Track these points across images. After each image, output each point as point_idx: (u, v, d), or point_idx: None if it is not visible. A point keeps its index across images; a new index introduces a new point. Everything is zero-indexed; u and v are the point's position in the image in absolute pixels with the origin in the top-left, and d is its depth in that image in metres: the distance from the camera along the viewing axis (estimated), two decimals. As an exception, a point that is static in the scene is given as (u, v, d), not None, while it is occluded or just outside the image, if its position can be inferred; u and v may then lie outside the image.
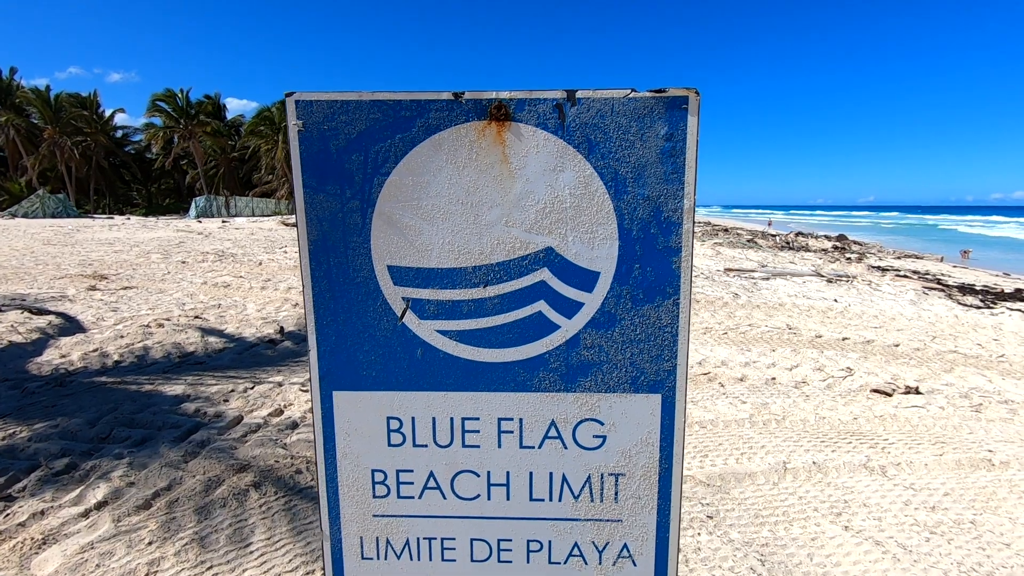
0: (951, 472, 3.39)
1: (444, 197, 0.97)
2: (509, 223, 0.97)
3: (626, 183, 0.95)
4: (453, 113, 0.93)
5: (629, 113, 0.92)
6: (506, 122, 0.94)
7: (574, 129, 0.93)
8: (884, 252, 21.71)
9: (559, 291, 1.01)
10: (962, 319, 7.85)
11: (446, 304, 1.01)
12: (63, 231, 20.56)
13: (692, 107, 0.91)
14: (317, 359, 1.04)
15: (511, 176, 0.95)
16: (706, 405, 4.32)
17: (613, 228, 0.97)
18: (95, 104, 47.65)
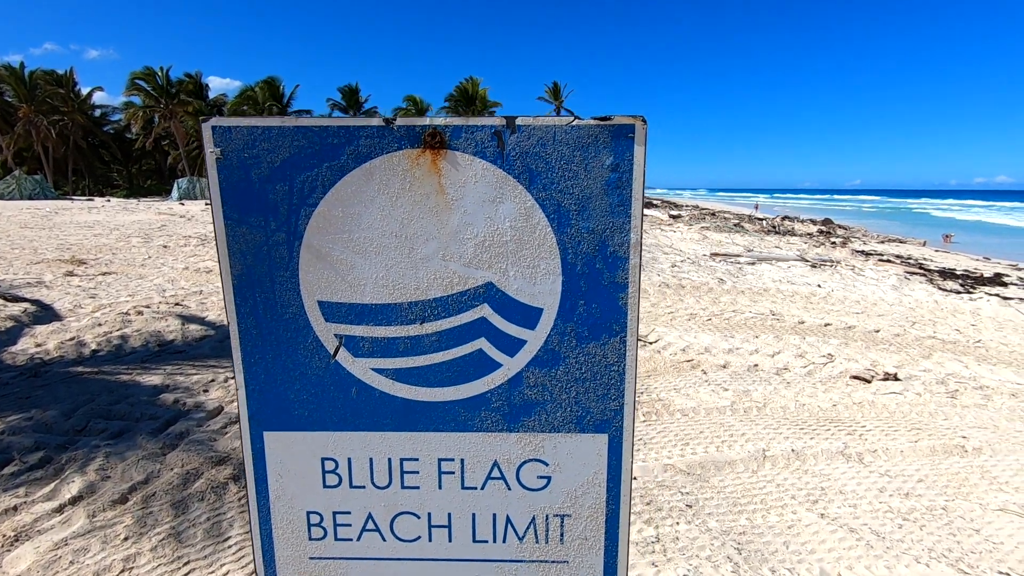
0: (925, 459, 3.45)
1: (377, 229, 0.92)
2: (446, 257, 0.93)
3: (570, 215, 0.91)
4: (384, 141, 0.89)
5: (572, 142, 0.88)
6: (441, 150, 0.89)
7: (514, 158, 0.89)
8: (868, 236, 21.93)
9: (500, 328, 0.97)
10: (942, 304, 7.97)
11: (381, 341, 0.97)
12: (40, 214, 20.08)
13: (639, 136, 0.87)
14: (246, 398, 1.00)
15: (448, 207, 0.91)
16: (689, 393, 4.36)
17: (556, 263, 0.94)
18: (71, 82, 46.25)
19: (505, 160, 0.89)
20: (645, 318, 6.56)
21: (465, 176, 0.90)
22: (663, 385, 4.50)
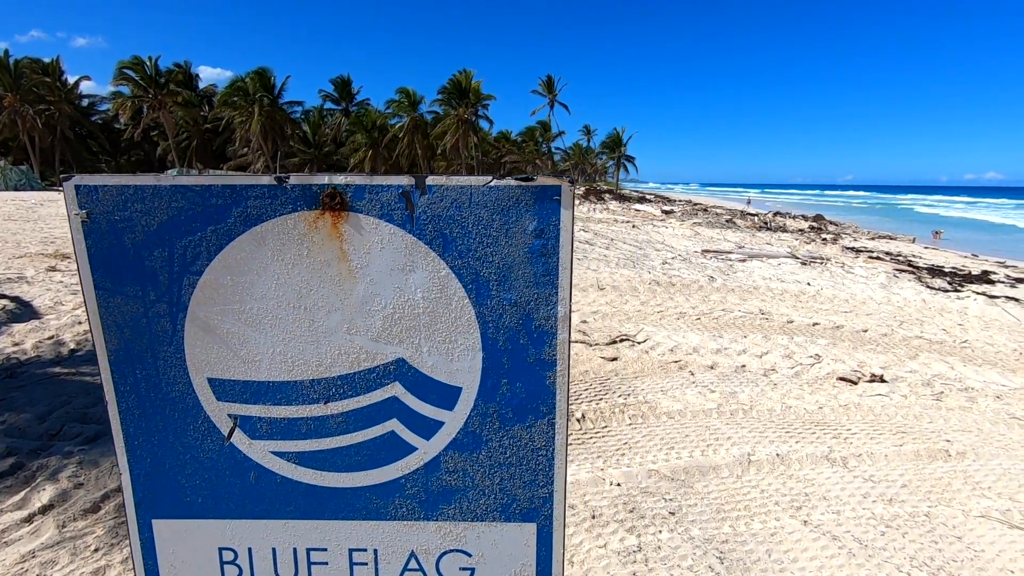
0: (910, 463, 3.45)
1: (272, 300, 0.83)
2: (352, 330, 0.85)
3: (489, 286, 0.84)
4: (277, 201, 0.80)
5: (491, 205, 0.80)
6: (342, 212, 0.80)
7: (425, 222, 0.81)
8: (859, 233, 22.05)
9: (414, 408, 0.89)
10: (929, 303, 8.01)
11: (281, 422, 0.89)
12: (25, 205, 19.77)
13: (565, 199, 0.80)
14: (131, 484, 0.91)
15: (352, 276, 0.83)
16: (675, 395, 4.34)
17: (475, 337, 0.86)
18: (58, 71, 45.46)
19: (415, 224, 0.81)
20: (634, 317, 6.54)
21: (370, 241, 0.82)
22: (650, 387, 4.48)
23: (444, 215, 0.81)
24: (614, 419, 3.89)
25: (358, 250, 0.82)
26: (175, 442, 0.90)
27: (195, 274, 0.83)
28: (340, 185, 0.80)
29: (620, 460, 3.35)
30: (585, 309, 6.78)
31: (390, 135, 50.63)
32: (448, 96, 49.70)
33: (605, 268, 9.53)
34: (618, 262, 10.30)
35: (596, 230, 16.48)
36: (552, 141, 64.41)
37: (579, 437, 3.62)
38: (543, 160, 63.75)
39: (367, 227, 0.82)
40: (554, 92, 59.05)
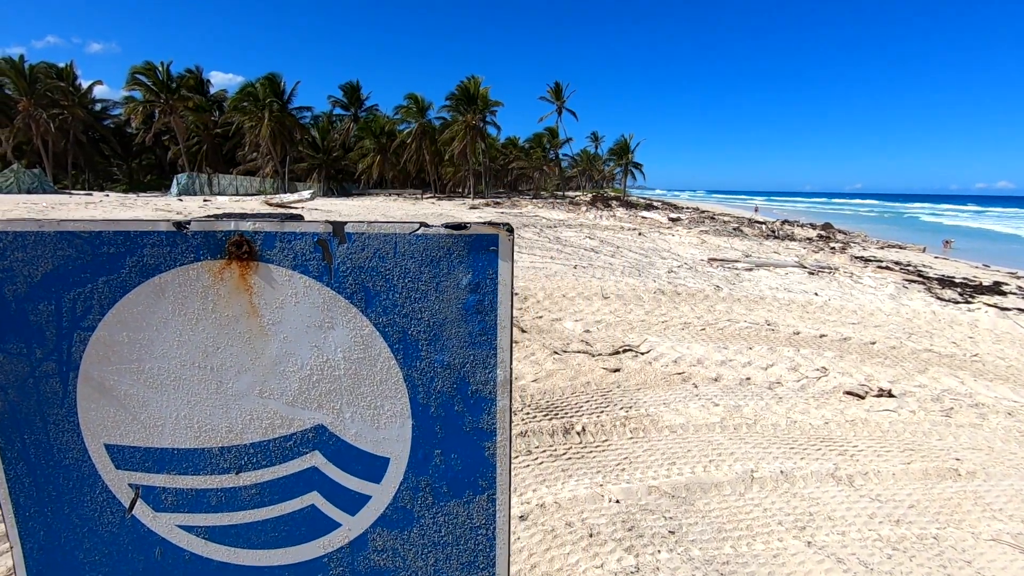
0: (918, 482, 3.36)
1: (174, 358, 0.75)
2: (264, 394, 0.76)
3: (419, 346, 0.75)
4: (177, 249, 0.72)
5: (419, 255, 0.71)
6: (251, 262, 0.72)
7: (345, 274, 0.72)
8: (868, 242, 21.85)
9: (337, 480, 0.80)
10: (939, 315, 7.88)
11: (188, 494, 0.80)
12: (36, 209, 19.99)
13: (503, 249, 0.72)
14: (23, 557, 0.82)
15: (263, 333, 0.74)
16: (678, 408, 4.27)
17: (404, 403, 0.76)
18: (72, 75, 46.09)
19: (333, 276, 0.72)
20: (638, 326, 6.47)
21: (283, 295, 0.73)
22: (652, 399, 4.41)
23: (366, 266, 0.73)
24: (615, 432, 3.83)
25: (270, 305, 0.74)
26: (71, 514, 0.81)
27: (87, 330, 0.75)
28: (247, 232, 0.72)
29: (620, 475, 3.29)
30: (589, 318, 6.72)
31: (398, 141, 50.85)
32: (456, 102, 49.89)
33: (610, 276, 9.47)
34: (623, 270, 10.23)
35: (602, 237, 16.42)
36: (560, 148, 64.44)
37: (579, 451, 3.56)
38: (550, 167, 63.77)
39: (279, 279, 0.73)
40: (562, 99, 59.15)
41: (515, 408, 4.08)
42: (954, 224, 40.66)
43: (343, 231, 0.72)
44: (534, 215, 27.11)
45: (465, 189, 53.77)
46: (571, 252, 12.68)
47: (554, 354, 5.32)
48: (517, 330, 6.04)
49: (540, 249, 12.96)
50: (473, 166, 51.63)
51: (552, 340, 5.79)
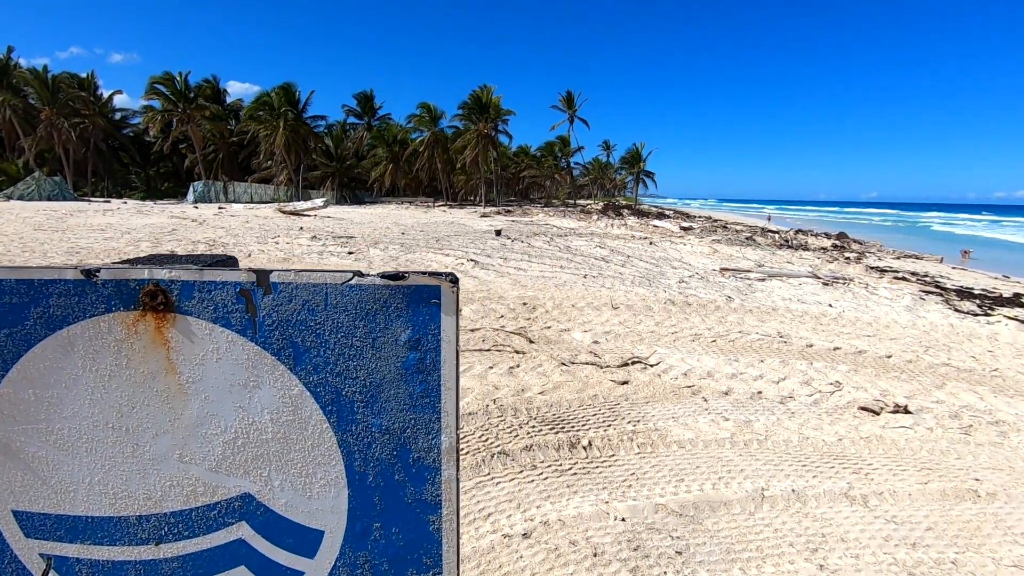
0: (935, 503, 3.26)
1: (86, 419, 0.69)
2: (185, 458, 0.71)
3: (354, 408, 0.68)
4: (87, 300, 0.67)
5: (353, 308, 0.66)
6: (167, 314, 0.66)
7: (271, 328, 0.66)
8: (884, 252, 21.52)
9: (266, 554, 0.74)
10: (957, 328, 7.71)
11: (104, 565, 0.74)
12: (56, 215, 20.36)
13: (446, 302, 0.66)
14: None
15: (182, 392, 0.69)
16: (687, 422, 4.19)
17: (339, 471, 0.70)
18: (93, 85, 47.13)
19: (258, 330, 0.66)
20: (648, 338, 6.40)
21: (203, 351, 0.68)
22: (661, 413, 4.34)
23: (294, 319, 0.67)
24: (622, 447, 3.77)
25: (189, 361, 0.68)
26: None
27: None
28: (163, 281, 0.66)
29: (626, 492, 3.22)
30: (598, 329, 6.66)
31: (410, 149, 51.24)
32: (468, 111, 50.20)
33: (620, 286, 9.41)
34: (633, 280, 10.16)
35: (613, 246, 16.35)
36: (571, 156, 64.50)
37: (585, 466, 3.50)
38: (562, 175, 63.83)
39: (199, 333, 0.67)
40: (574, 108, 59.28)
41: (522, 421, 4.04)
42: (967, 234, 40.04)
43: (268, 280, 0.66)
44: (545, 223, 27.09)
45: (477, 197, 53.97)
46: (581, 261, 12.63)
47: (562, 365, 5.27)
48: (524, 340, 6.00)
49: (550, 258, 12.92)
50: (485, 174, 51.83)
51: (560, 351, 5.74)
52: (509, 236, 18.45)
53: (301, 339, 0.67)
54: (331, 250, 12.69)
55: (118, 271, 0.67)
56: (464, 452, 3.56)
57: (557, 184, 65.01)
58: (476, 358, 5.39)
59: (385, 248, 13.40)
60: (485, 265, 11.20)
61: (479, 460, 3.47)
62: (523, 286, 9.07)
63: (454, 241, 16.01)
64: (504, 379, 4.85)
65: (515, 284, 9.22)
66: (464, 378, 4.82)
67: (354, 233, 17.65)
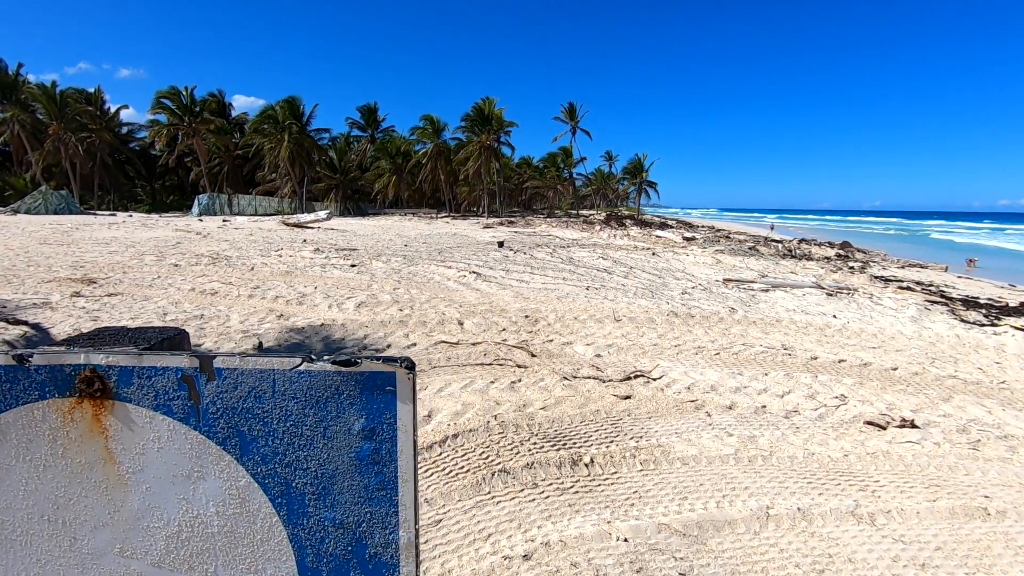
0: (944, 522, 3.20)
1: (20, 510, 0.66)
2: (126, 552, 0.67)
3: (305, 500, 0.65)
4: (19, 386, 0.64)
5: (302, 395, 0.62)
6: (105, 401, 0.64)
7: (216, 416, 0.63)
8: (888, 261, 21.44)
9: None
10: (964, 339, 7.64)
11: None
12: (61, 229, 20.51)
13: (401, 390, 0.62)
14: None
15: (122, 484, 0.65)
16: (690, 438, 4.14)
17: (291, 567, 0.66)
18: (100, 100, 47.68)
19: (202, 419, 0.63)
20: (650, 351, 6.35)
21: (144, 440, 0.64)
22: (664, 428, 4.29)
23: (240, 407, 0.63)
24: (624, 464, 3.72)
25: (128, 451, 0.64)
26: None
27: None
28: (100, 366, 0.63)
29: (629, 511, 3.18)
30: (600, 342, 6.63)
31: (414, 161, 51.52)
32: (471, 123, 50.51)
33: (623, 298, 9.37)
34: (636, 292, 10.13)
35: (615, 257, 16.34)
36: (573, 167, 64.74)
37: (587, 484, 3.45)
38: (564, 186, 64.01)
39: (139, 421, 0.64)
40: (576, 119, 59.60)
41: (523, 437, 4.00)
42: (965, 242, 39.98)
43: (211, 366, 0.63)
44: (547, 234, 27.12)
45: (480, 208, 54.12)
46: (584, 273, 12.61)
47: (564, 380, 5.23)
48: (526, 355, 5.97)
49: (552, 270, 12.91)
50: (488, 185, 52.02)
51: (562, 365, 5.71)
52: (512, 247, 18.47)
53: (248, 428, 0.64)
54: (334, 263, 12.72)
55: (52, 356, 0.64)
56: (465, 470, 3.52)
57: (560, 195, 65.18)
58: (478, 372, 5.36)
59: (388, 261, 13.42)
60: (487, 277, 11.19)
61: (480, 478, 3.43)
62: (525, 298, 9.05)
63: (457, 253, 16.03)
64: (506, 394, 4.82)
65: (517, 296, 9.20)
66: (466, 393, 4.79)
67: (357, 245, 17.70)
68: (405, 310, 7.79)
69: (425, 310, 7.83)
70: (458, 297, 8.99)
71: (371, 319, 7.23)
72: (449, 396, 4.71)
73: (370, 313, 7.58)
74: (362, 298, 8.47)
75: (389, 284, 9.96)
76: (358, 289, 9.34)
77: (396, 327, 6.89)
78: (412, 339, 6.40)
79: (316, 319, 7.13)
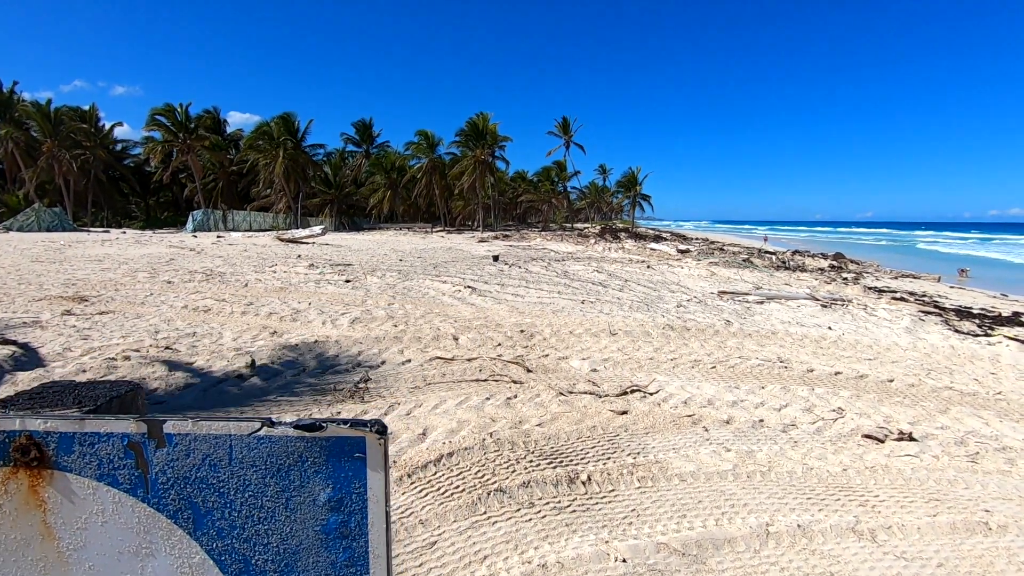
0: (945, 537, 3.16)
1: None
2: None
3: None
4: None
5: (262, 463, 0.57)
6: (43, 471, 0.58)
7: (166, 487, 0.57)
8: (881, 271, 21.56)
9: None
10: (958, 349, 7.65)
11: None
12: (54, 247, 20.39)
13: (372, 457, 0.57)
14: None
15: (62, 562, 0.59)
16: (688, 454, 4.10)
17: None
18: (95, 117, 47.76)
19: (151, 489, 0.58)
20: (646, 365, 6.32)
21: (86, 513, 0.58)
22: (661, 444, 4.25)
23: (193, 477, 0.57)
24: (622, 482, 3.67)
25: (69, 525, 0.58)
26: None
27: None
28: (37, 432, 0.57)
29: (627, 531, 3.12)
30: (596, 356, 6.59)
31: (408, 176, 51.72)
32: (466, 138, 50.82)
33: (618, 311, 9.36)
34: (631, 305, 10.12)
35: (610, 271, 16.36)
36: (568, 180, 65.11)
37: (584, 503, 3.40)
38: (559, 199, 64.30)
39: (81, 493, 0.58)
40: (569, 133, 60.08)
41: (519, 455, 3.95)
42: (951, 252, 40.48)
43: (161, 432, 0.58)
44: (542, 248, 27.18)
45: (475, 222, 54.26)
46: (579, 286, 12.60)
47: (560, 395, 5.19)
48: (522, 370, 5.93)
49: (547, 284, 12.90)
50: (483, 200, 52.21)
51: (558, 380, 5.67)
52: (507, 261, 18.47)
53: (202, 499, 0.58)
54: (328, 278, 12.67)
55: None
56: (460, 490, 3.47)
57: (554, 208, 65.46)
58: (473, 389, 5.31)
59: (383, 276, 13.38)
60: (483, 292, 11.17)
61: (475, 498, 3.38)
62: (521, 313, 9.02)
63: (452, 268, 16.02)
64: (501, 410, 4.77)
65: (512, 311, 9.17)
66: (461, 410, 4.74)
67: (352, 260, 17.66)
68: (400, 326, 7.74)
69: (420, 325, 7.79)
70: (453, 312, 8.95)
71: (366, 335, 7.17)
72: (444, 413, 4.66)
73: (365, 329, 7.53)
74: (357, 314, 8.42)
75: (384, 299, 9.92)
76: (352, 305, 9.30)
77: (391, 343, 6.84)
78: (407, 355, 6.35)
79: (310, 336, 7.07)
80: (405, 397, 5.03)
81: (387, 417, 4.56)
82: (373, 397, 5.00)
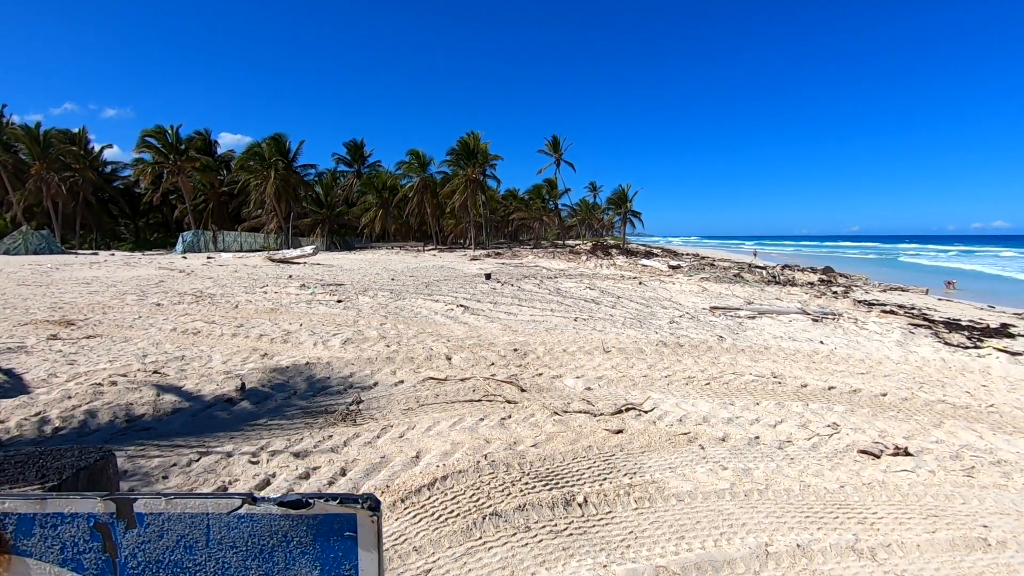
0: (945, 554, 3.14)
1: None
2: None
3: None
4: None
5: (243, 544, 0.51)
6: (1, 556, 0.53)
7: (137, 571, 0.52)
8: (870, 285, 21.77)
9: None
10: (949, 362, 7.69)
11: None
12: (41, 270, 20.15)
13: (364, 536, 0.52)
14: None
15: None
16: (685, 473, 4.06)
17: None
18: (84, 140, 47.67)
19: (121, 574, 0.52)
20: (641, 382, 6.30)
21: None
22: (657, 463, 4.21)
23: (167, 560, 0.52)
24: (619, 503, 3.62)
25: None
26: None
27: None
28: None
29: (625, 553, 3.07)
30: (590, 374, 6.56)
31: (400, 195, 51.86)
32: (457, 157, 51.16)
33: (611, 328, 9.35)
34: (624, 322, 10.12)
35: (603, 287, 16.39)
36: (559, 198, 65.60)
37: (580, 526, 3.35)
38: (550, 217, 64.69)
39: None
40: (560, 151, 60.70)
41: (514, 477, 3.89)
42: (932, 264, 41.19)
43: (131, 512, 0.52)
44: (534, 265, 27.23)
45: (466, 240, 54.37)
46: (572, 304, 12.60)
47: (555, 415, 5.14)
48: (516, 389, 5.88)
49: (540, 302, 12.89)
50: (474, 218, 52.39)
51: (552, 399, 5.62)
52: (499, 279, 18.47)
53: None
54: (320, 299, 12.59)
55: None
56: (455, 514, 3.40)
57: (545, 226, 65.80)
58: (467, 409, 5.26)
59: (375, 295, 13.32)
60: (475, 310, 11.13)
61: (470, 523, 3.31)
62: (514, 331, 8.98)
63: (444, 286, 15.98)
64: (496, 431, 4.72)
65: (506, 329, 9.14)
66: (455, 432, 4.68)
67: (344, 280, 17.59)
68: (392, 346, 7.68)
69: (412, 345, 7.73)
70: (446, 331, 8.90)
71: (357, 356, 7.11)
72: (438, 435, 4.60)
73: (356, 350, 7.46)
74: (348, 334, 8.36)
75: (376, 319, 9.86)
76: (344, 325, 9.22)
77: (383, 364, 6.78)
78: (399, 376, 6.29)
79: (301, 357, 6.99)
80: (398, 419, 4.97)
81: (380, 440, 4.49)
82: (365, 419, 4.93)
